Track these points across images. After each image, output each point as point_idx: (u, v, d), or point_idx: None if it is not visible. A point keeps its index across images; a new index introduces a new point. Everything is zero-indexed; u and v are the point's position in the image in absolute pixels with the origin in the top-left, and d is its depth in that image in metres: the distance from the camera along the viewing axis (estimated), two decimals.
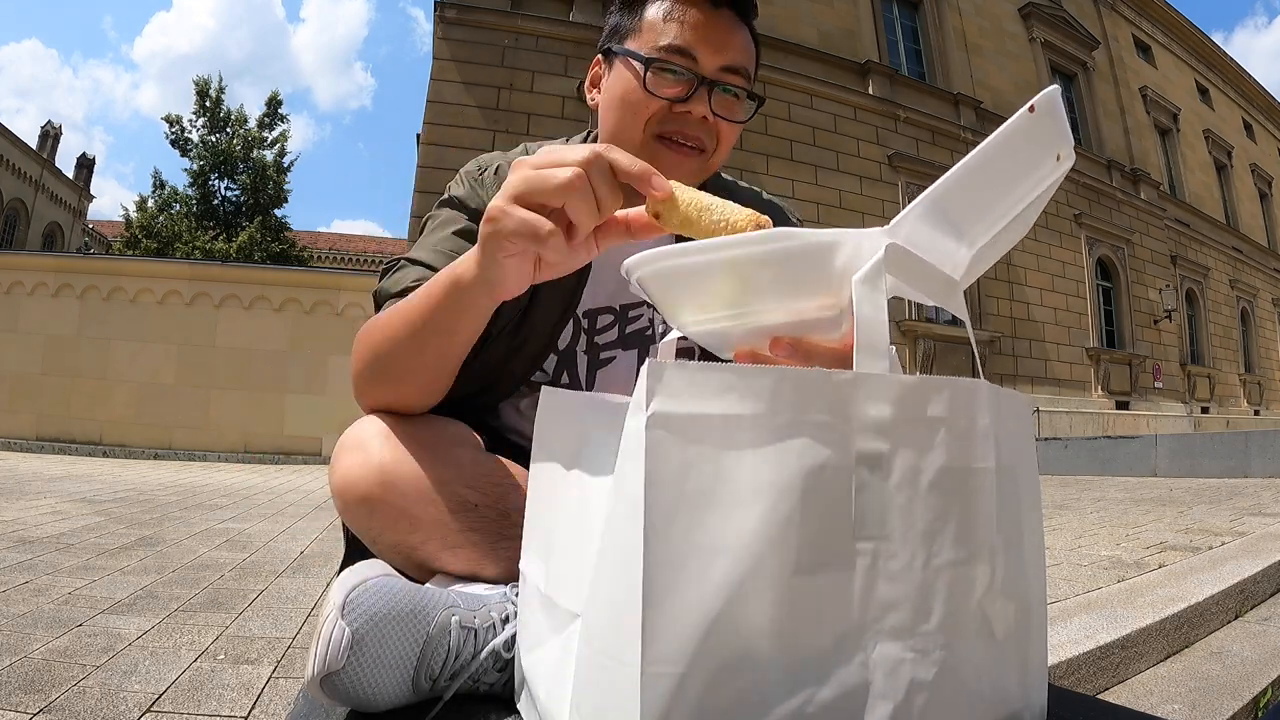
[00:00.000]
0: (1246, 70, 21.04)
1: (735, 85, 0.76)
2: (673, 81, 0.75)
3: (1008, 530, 0.45)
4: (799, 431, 0.39)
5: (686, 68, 0.75)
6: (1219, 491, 4.96)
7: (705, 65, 0.75)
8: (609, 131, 0.79)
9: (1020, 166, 0.43)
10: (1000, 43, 13.91)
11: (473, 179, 0.82)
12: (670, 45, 0.75)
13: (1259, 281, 19.77)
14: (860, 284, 0.41)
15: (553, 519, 0.50)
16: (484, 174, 0.82)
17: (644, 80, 0.75)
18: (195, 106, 17.98)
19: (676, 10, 0.75)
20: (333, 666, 0.50)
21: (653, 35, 0.76)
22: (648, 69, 0.74)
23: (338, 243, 26.88)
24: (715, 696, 0.36)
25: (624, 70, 0.77)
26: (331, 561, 2.65)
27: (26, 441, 7.40)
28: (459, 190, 0.82)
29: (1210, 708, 1.43)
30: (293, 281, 8.34)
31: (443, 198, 0.83)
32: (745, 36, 0.78)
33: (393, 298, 0.74)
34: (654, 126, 0.76)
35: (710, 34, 0.75)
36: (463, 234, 0.77)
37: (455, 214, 0.80)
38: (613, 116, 0.79)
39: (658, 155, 0.76)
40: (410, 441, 0.65)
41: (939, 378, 0.42)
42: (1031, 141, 0.43)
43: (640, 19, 0.77)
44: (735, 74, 0.76)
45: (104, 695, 1.32)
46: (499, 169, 0.82)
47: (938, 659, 0.41)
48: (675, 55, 0.75)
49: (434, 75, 9.55)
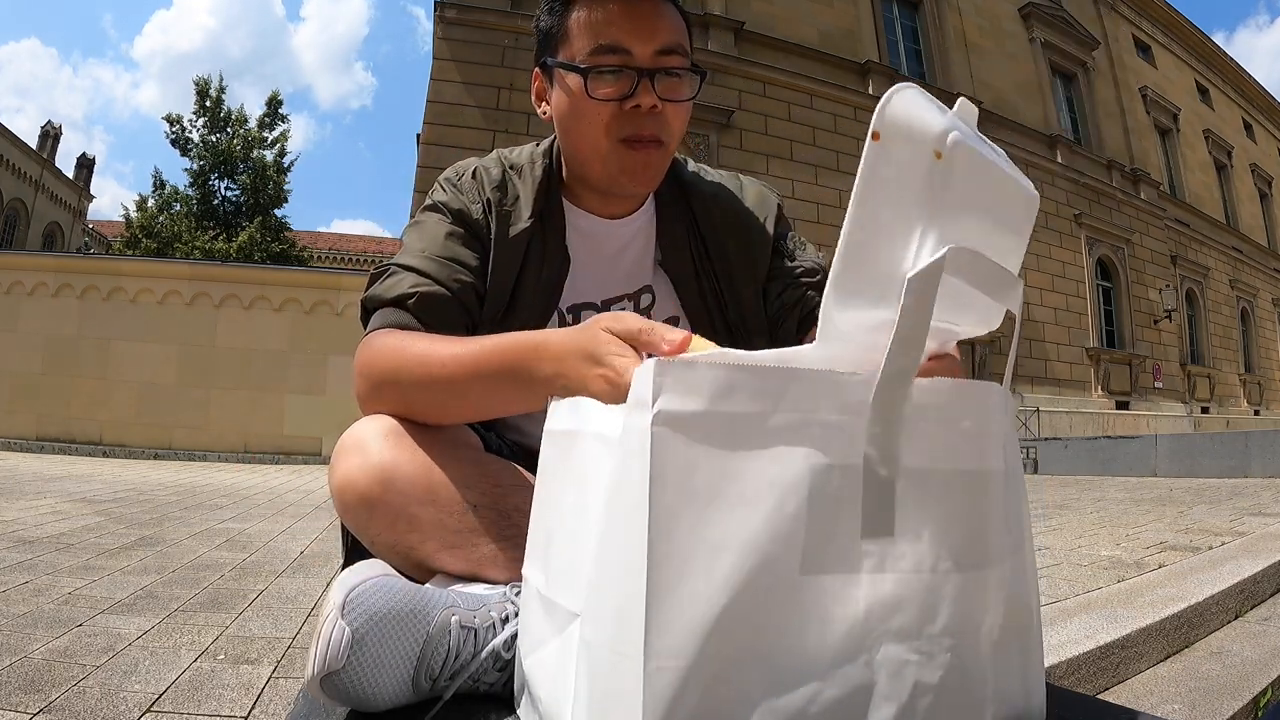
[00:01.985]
0: (1247, 70, 21.04)
1: (674, 67, 0.76)
2: (612, 81, 0.75)
3: (1015, 532, 0.45)
4: (807, 431, 0.38)
5: (622, 64, 0.74)
6: (1219, 491, 4.96)
7: (639, 56, 0.74)
8: (572, 144, 0.80)
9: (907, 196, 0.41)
10: (1000, 43, 13.91)
11: (452, 184, 0.83)
12: (600, 46, 0.74)
13: (1259, 281, 19.78)
14: (914, 280, 0.40)
15: (554, 520, 0.50)
16: (461, 178, 0.83)
17: (585, 88, 0.75)
18: (195, 106, 17.98)
19: (598, 9, 0.75)
20: (333, 666, 0.50)
21: (582, 39, 0.75)
22: (586, 77, 0.75)
23: (338, 243, 26.88)
24: (718, 692, 0.36)
25: (564, 82, 0.77)
26: (331, 561, 2.65)
27: (26, 441, 7.41)
28: (441, 195, 0.82)
29: (1210, 708, 1.43)
30: (293, 281, 8.35)
31: (426, 203, 0.83)
32: (671, 12, 0.77)
33: (386, 305, 0.74)
34: (615, 131, 0.76)
35: (636, 23, 0.74)
36: (451, 237, 0.78)
37: (440, 218, 0.80)
38: (571, 129, 0.79)
39: (624, 162, 0.77)
40: (409, 442, 0.65)
41: (951, 380, 0.42)
42: (897, 164, 0.41)
43: (565, 24, 0.77)
44: (671, 54, 0.76)
45: (104, 695, 1.32)
46: (475, 171, 0.83)
47: (943, 662, 0.40)
48: (608, 55, 0.74)
49: (434, 75, 9.56)
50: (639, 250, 0.87)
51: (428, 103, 9.50)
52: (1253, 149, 20.98)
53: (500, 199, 0.81)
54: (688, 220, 0.87)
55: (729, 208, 0.89)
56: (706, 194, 0.89)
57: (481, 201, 0.81)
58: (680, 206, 0.88)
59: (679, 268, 0.86)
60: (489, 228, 0.80)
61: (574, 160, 0.82)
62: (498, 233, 0.80)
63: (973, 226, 0.43)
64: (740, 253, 0.87)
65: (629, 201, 0.86)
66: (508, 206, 0.81)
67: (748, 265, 0.87)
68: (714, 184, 0.91)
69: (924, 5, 13.13)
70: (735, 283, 0.86)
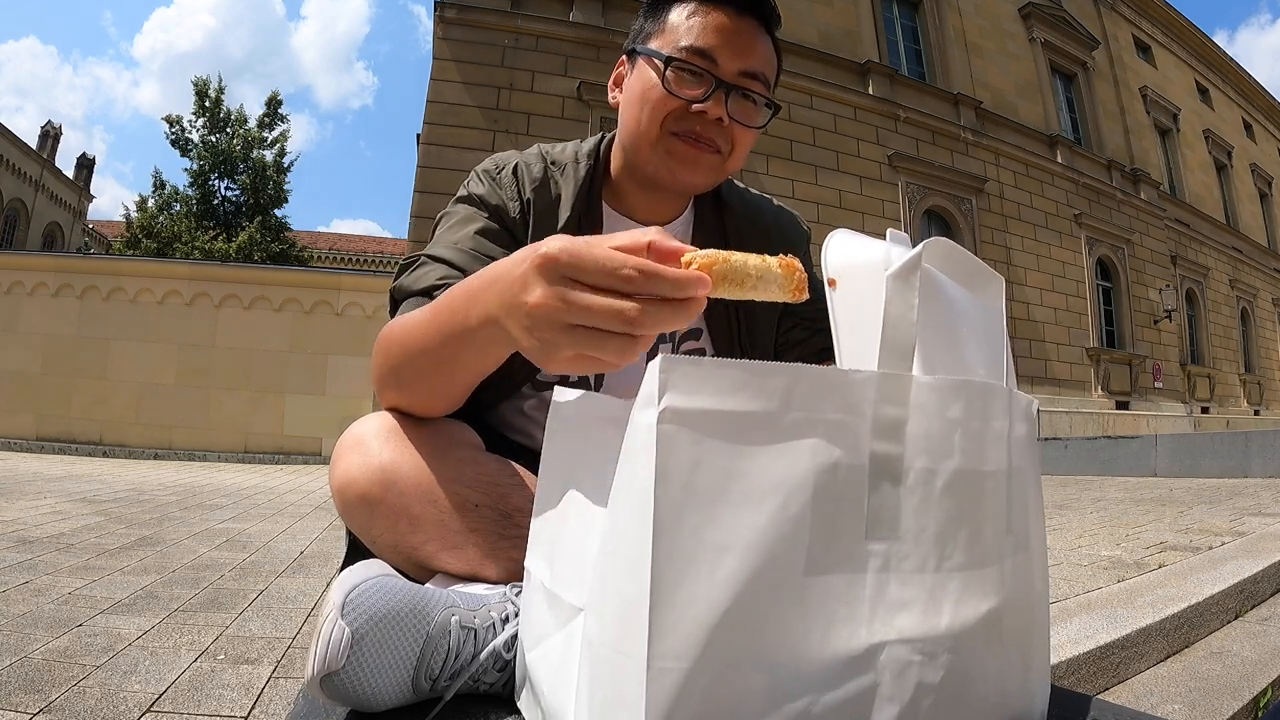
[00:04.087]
0: (1247, 70, 21.04)
1: (753, 91, 0.77)
2: (692, 82, 0.75)
3: (1018, 533, 0.45)
4: (812, 430, 0.38)
5: (706, 69, 0.75)
6: (1219, 491, 4.96)
7: (725, 69, 0.75)
8: (628, 128, 0.80)
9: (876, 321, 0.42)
10: (1000, 43, 13.90)
11: (491, 177, 0.82)
12: (691, 46, 0.75)
13: (1259, 281, 19.76)
14: (893, 279, 0.41)
15: (560, 515, 0.50)
16: (501, 172, 0.82)
17: (663, 78, 0.75)
18: (195, 107, 17.99)
19: (700, 13, 0.76)
20: (333, 666, 0.50)
21: (675, 36, 0.76)
22: (667, 67, 0.75)
23: (338, 243, 26.84)
24: (721, 693, 0.36)
25: (645, 69, 0.78)
26: (331, 561, 2.65)
27: (27, 441, 7.40)
28: (479, 188, 0.82)
29: (1210, 708, 1.43)
30: (293, 281, 8.34)
31: (460, 194, 0.83)
32: (767, 45, 0.79)
33: (414, 295, 0.73)
34: (670, 124, 0.76)
35: (732, 39, 0.76)
36: (484, 232, 0.77)
37: (475, 211, 0.80)
38: (631, 113, 0.79)
39: (673, 150, 0.77)
40: (410, 441, 0.65)
41: (956, 380, 0.42)
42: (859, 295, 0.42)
43: (664, 20, 0.78)
44: (754, 79, 0.77)
45: (104, 695, 1.32)
46: (516, 167, 0.83)
47: (945, 662, 0.40)
48: (696, 56, 0.75)
49: (434, 75, 9.54)
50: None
51: (428, 103, 9.49)
52: (1253, 149, 20.97)
53: (541, 199, 0.81)
54: (720, 234, 0.88)
55: (759, 225, 0.90)
56: (738, 206, 0.90)
57: (520, 200, 0.80)
58: (715, 219, 0.88)
59: None
60: (527, 227, 0.80)
61: (627, 144, 0.81)
62: (534, 235, 0.79)
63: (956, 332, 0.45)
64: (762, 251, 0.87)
65: (670, 206, 0.86)
66: (547, 206, 0.81)
67: None
68: (747, 200, 0.92)
69: (924, 5, 13.11)
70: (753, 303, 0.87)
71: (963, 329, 0.46)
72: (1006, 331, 0.49)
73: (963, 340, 0.45)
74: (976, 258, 0.45)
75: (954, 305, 0.46)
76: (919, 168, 12.00)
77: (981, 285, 0.47)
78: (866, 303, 0.41)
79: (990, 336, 0.48)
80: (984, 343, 0.47)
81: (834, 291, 0.42)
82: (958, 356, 0.44)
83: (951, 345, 0.44)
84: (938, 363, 0.43)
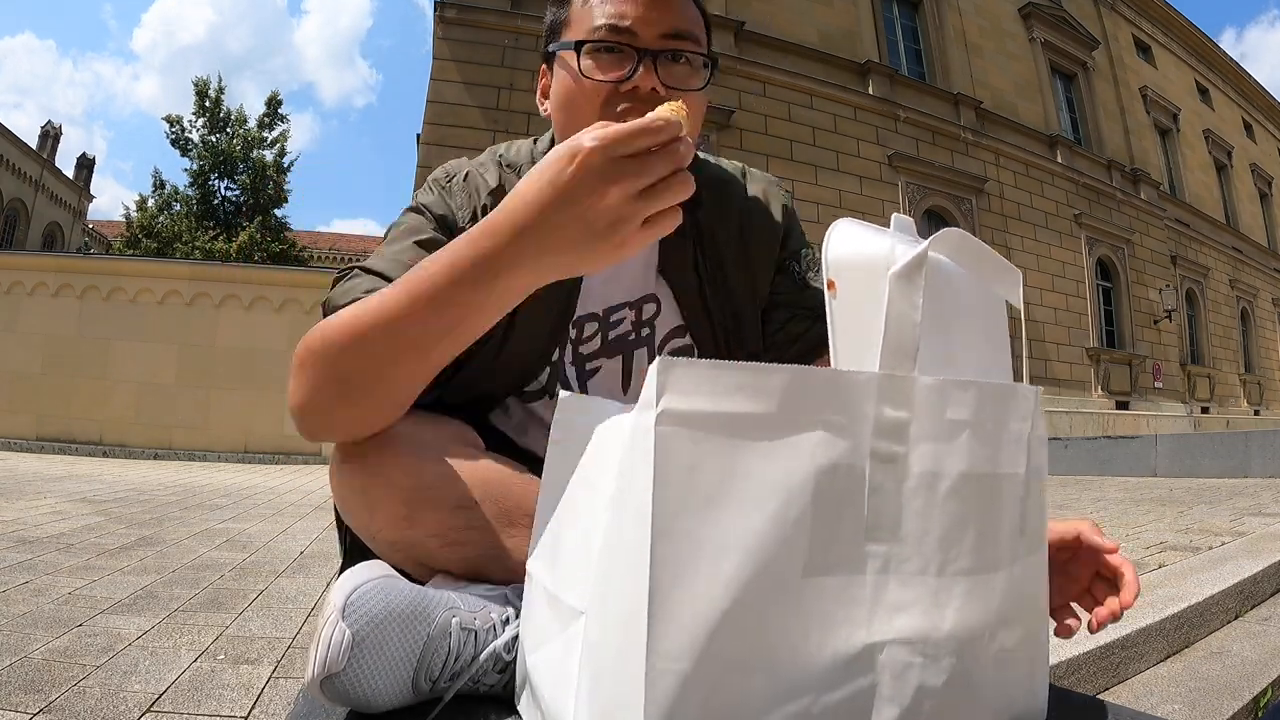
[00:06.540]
0: (1252, 69, 21.06)
1: (683, 50, 0.70)
2: (612, 61, 0.69)
3: (1031, 535, 0.44)
4: (812, 431, 0.38)
5: (624, 43, 0.69)
6: (1219, 491, 4.95)
7: (644, 37, 0.69)
8: (566, 134, 0.74)
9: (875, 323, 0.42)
10: (1000, 43, 13.90)
11: (440, 186, 0.78)
12: (601, 24, 0.69)
13: (1259, 281, 19.76)
14: (896, 278, 0.40)
15: (562, 517, 0.50)
16: (451, 181, 0.78)
17: (579, 66, 0.69)
18: (195, 107, 18.02)
19: None
20: (333, 668, 0.50)
21: (585, 20, 0.71)
22: (580, 54, 0.69)
23: (338, 242, 26.86)
24: (721, 695, 0.36)
25: (563, 67, 0.72)
26: (331, 561, 2.65)
27: (27, 441, 7.40)
28: (426, 197, 0.76)
29: (1210, 707, 1.43)
30: (293, 281, 8.34)
31: (410, 204, 0.78)
32: (686, 1, 0.72)
33: (340, 309, 0.66)
34: (605, 113, 0.69)
35: (644, 3, 0.69)
36: (426, 244, 0.70)
37: (422, 221, 0.74)
38: (562, 118, 0.73)
39: None
40: (410, 441, 0.64)
41: (965, 381, 0.41)
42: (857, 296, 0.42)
43: (570, 8, 0.73)
44: (681, 39, 0.70)
45: (104, 695, 1.32)
46: (468, 175, 0.78)
47: (947, 665, 0.40)
48: (610, 33, 0.69)
49: (434, 75, 9.55)
50: (642, 256, 0.81)
51: (428, 103, 9.49)
52: (1253, 149, 20.97)
53: (495, 205, 0.79)
54: (689, 212, 0.84)
55: (729, 191, 0.84)
56: (707, 179, 0.82)
57: (472, 208, 0.75)
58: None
59: (679, 271, 0.82)
60: None
61: None
62: None
63: (956, 330, 0.44)
64: (735, 241, 0.82)
65: None
66: None
67: (744, 252, 0.82)
68: (718, 169, 0.86)
69: (924, 5, 13.11)
70: (725, 269, 0.81)
71: (973, 325, 0.45)
72: (1008, 330, 0.49)
73: (972, 337, 0.44)
74: (991, 249, 0.44)
75: (963, 300, 0.44)
76: (919, 168, 12.00)
77: (996, 277, 0.46)
78: (868, 302, 0.41)
79: (1000, 331, 0.47)
80: (995, 338, 0.46)
81: (833, 295, 0.41)
82: (966, 355, 0.43)
83: (961, 344, 0.43)
84: (944, 362, 0.42)
